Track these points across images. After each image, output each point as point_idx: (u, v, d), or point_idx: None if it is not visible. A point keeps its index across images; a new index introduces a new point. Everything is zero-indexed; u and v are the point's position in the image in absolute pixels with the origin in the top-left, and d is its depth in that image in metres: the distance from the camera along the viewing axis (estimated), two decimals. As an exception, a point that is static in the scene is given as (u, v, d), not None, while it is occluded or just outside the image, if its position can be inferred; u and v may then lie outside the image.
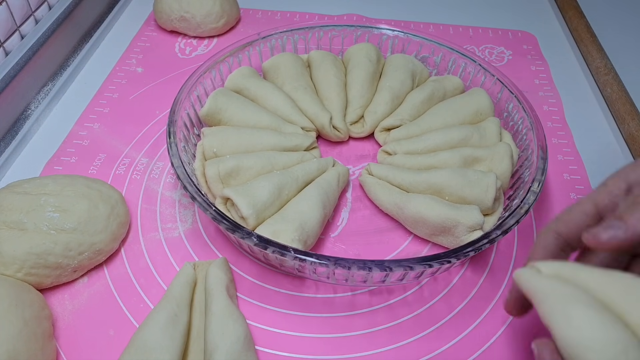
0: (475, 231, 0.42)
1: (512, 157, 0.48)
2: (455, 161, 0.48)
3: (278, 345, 0.39)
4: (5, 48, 0.57)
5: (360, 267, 0.37)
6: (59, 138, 0.55)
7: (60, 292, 0.42)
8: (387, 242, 0.46)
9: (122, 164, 0.53)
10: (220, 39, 0.70)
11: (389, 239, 0.47)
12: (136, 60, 0.66)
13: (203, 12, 0.67)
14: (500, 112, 0.55)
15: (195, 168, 0.47)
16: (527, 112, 0.50)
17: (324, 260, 0.37)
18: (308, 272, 0.42)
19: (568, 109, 0.60)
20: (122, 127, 0.57)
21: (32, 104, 0.59)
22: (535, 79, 0.64)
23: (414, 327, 0.41)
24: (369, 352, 0.39)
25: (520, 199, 0.42)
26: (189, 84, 0.51)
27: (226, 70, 0.56)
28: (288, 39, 0.60)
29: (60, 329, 0.40)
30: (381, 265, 0.37)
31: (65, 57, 0.65)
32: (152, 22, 0.72)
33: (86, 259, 0.42)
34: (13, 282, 0.38)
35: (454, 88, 0.56)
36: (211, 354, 0.35)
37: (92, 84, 0.62)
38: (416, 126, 0.53)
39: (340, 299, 0.42)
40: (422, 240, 0.47)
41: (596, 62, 0.64)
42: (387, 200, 0.47)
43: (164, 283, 0.43)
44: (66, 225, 0.41)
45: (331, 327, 0.40)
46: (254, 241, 0.38)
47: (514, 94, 0.52)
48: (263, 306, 0.42)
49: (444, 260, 0.37)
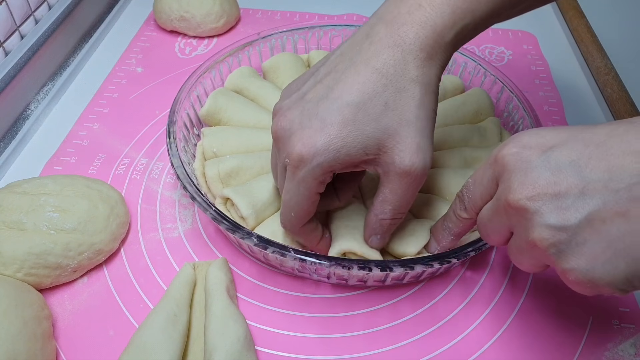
0: (475, 231, 0.42)
1: None
2: (455, 161, 0.47)
3: (278, 346, 0.39)
4: (5, 48, 0.57)
5: (360, 267, 0.37)
6: (58, 138, 0.55)
7: (59, 292, 0.42)
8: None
9: (121, 164, 0.53)
10: (220, 39, 0.69)
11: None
12: (136, 60, 0.66)
13: (203, 11, 0.67)
14: (501, 112, 0.54)
15: (195, 168, 0.47)
16: (527, 112, 0.50)
17: (324, 260, 0.37)
18: (308, 272, 0.42)
19: (568, 109, 0.60)
20: (122, 127, 0.56)
21: (31, 104, 0.59)
22: (536, 79, 0.64)
23: (414, 328, 0.41)
24: (369, 352, 0.39)
25: None
26: (189, 84, 0.51)
27: (226, 70, 0.56)
28: (288, 38, 0.60)
29: (60, 329, 0.40)
30: (382, 266, 0.37)
31: (65, 57, 0.65)
32: (152, 22, 0.72)
33: (86, 259, 0.41)
34: (13, 282, 0.38)
35: (454, 88, 0.56)
36: (211, 354, 0.35)
37: (92, 83, 0.62)
38: (416, 126, 0.53)
39: (340, 299, 0.42)
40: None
41: (596, 62, 0.64)
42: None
43: (163, 283, 0.43)
44: (66, 225, 0.41)
45: (331, 328, 0.40)
46: (254, 241, 0.38)
47: (514, 93, 0.52)
48: (263, 306, 0.42)
49: (445, 261, 0.37)
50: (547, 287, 0.43)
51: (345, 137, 0.33)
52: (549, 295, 0.43)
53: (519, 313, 0.41)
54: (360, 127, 0.33)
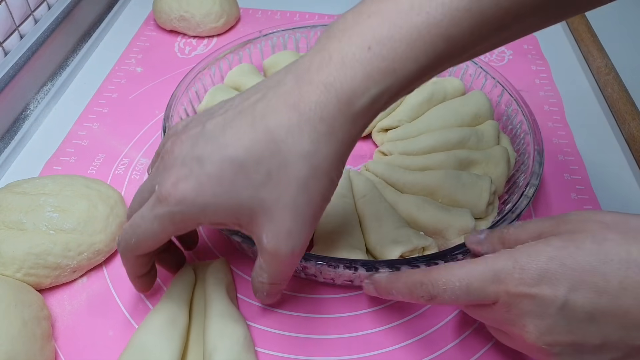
0: (466, 234, 0.42)
1: (509, 161, 0.48)
2: (450, 163, 0.47)
3: (278, 347, 0.39)
4: (4, 48, 0.57)
5: (346, 267, 0.37)
6: (58, 138, 0.55)
7: (59, 292, 0.42)
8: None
9: (121, 164, 0.53)
10: (220, 39, 0.69)
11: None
12: (135, 60, 0.66)
13: (203, 11, 0.66)
14: (500, 115, 0.54)
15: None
16: (525, 115, 0.50)
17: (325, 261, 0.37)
18: (308, 273, 0.42)
19: (569, 108, 0.60)
20: (122, 127, 0.56)
21: (31, 104, 0.59)
22: (536, 79, 0.64)
23: (414, 328, 0.40)
24: (370, 352, 0.39)
25: (513, 203, 0.42)
26: (187, 80, 0.51)
27: (226, 67, 0.56)
28: (290, 37, 0.60)
29: (59, 329, 0.40)
30: (368, 266, 0.37)
31: (65, 57, 0.65)
32: (152, 22, 0.72)
33: (85, 259, 0.41)
34: (12, 282, 0.38)
35: (454, 90, 0.56)
36: (210, 355, 0.35)
37: (92, 83, 0.62)
38: (413, 127, 0.53)
39: (341, 299, 0.42)
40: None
41: (597, 62, 0.64)
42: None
43: (163, 284, 0.43)
44: (65, 226, 0.41)
45: (332, 328, 0.40)
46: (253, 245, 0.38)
47: (514, 97, 0.52)
48: (263, 307, 0.41)
49: (431, 263, 0.37)
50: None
51: (218, 196, 0.30)
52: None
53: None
54: (237, 190, 0.29)
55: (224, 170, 0.29)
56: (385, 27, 0.27)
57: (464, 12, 0.26)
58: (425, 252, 0.41)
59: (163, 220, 0.31)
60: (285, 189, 0.29)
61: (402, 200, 0.45)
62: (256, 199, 0.30)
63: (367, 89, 0.28)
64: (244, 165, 0.29)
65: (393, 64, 0.27)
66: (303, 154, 0.29)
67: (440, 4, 0.27)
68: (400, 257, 0.40)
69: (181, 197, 0.30)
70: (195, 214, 0.30)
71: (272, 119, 0.29)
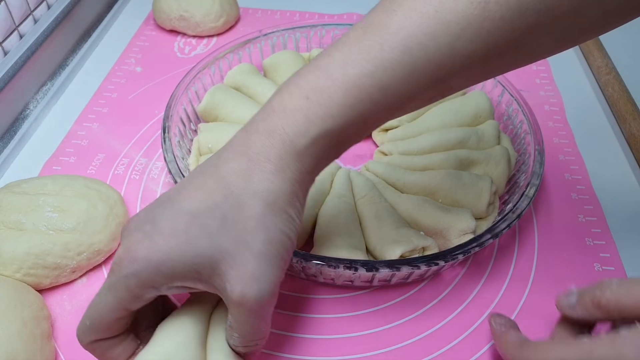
0: (466, 234, 0.42)
1: (510, 161, 0.48)
2: (450, 163, 0.47)
3: (278, 347, 0.39)
4: (4, 47, 0.57)
5: (347, 267, 0.37)
6: (57, 138, 0.55)
7: (59, 292, 0.42)
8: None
9: (121, 164, 0.52)
10: (220, 38, 0.69)
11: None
12: (135, 60, 0.65)
13: (202, 11, 0.66)
14: (501, 115, 0.54)
15: (190, 163, 0.47)
16: (526, 115, 0.50)
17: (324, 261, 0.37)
18: (308, 273, 0.41)
19: (569, 108, 0.60)
20: (121, 127, 0.56)
21: (30, 104, 0.59)
22: (537, 79, 0.64)
23: (414, 328, 0.40)
24: (370, 352, 0.39)
25: (514, 203, 0.42)
26: (187, 80, 0.51)
27: (226, 67, 0.56)
28: (290, 37, 0.60)
29: (59, 329, 0.40)
30: (368, 266, 0.37)
31: (64, 57, 0.65)
32: (151, 22, 0.72)
33: (85, 259, 0.41)
34: (12, 282, 0.38)
35: (454, 89, 0.56)
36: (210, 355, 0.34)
37: (91, 83, 0.62)
38: (414, 127, 0.53)
39: (342, 299, 0.42)
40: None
41: (597, 62, 0.64)
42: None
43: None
44: (65, 226, 0.41)
45: (332, 328, 0.40)
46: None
47: (514, 97, 0.52)
48: (263, 307, 0.41)
49: (432, 263, 0.37)
50: (547, 289, 0.43)
51: (172, 249, 0.28)
52: (549, 298, 0.42)
53: (519, 313, 0.41)
54: (193, 240, 0.28)
55: (176, 223, 0.29)
56: (322, 78, 0.29)
57: (396, 63, 0.28)
58: (425, 252, 0.41)
59: (117, 289, 0.29)
60: (243, 230, 0.29)
61: (402, 201, 0.45)
62: (214, 246, 0.28)
63: (307, 130, 0.29)
64: (197, 214, 0.29)
65: (330, 110, 0.29)
66: (255, 192, 0.29)
67: (373, 57, 0.28)
68: (400, 257, 0.40)
69: (134, 257, 0.29)
70: (152, 275, 0.29)
71: (223, 167, 0.30)
